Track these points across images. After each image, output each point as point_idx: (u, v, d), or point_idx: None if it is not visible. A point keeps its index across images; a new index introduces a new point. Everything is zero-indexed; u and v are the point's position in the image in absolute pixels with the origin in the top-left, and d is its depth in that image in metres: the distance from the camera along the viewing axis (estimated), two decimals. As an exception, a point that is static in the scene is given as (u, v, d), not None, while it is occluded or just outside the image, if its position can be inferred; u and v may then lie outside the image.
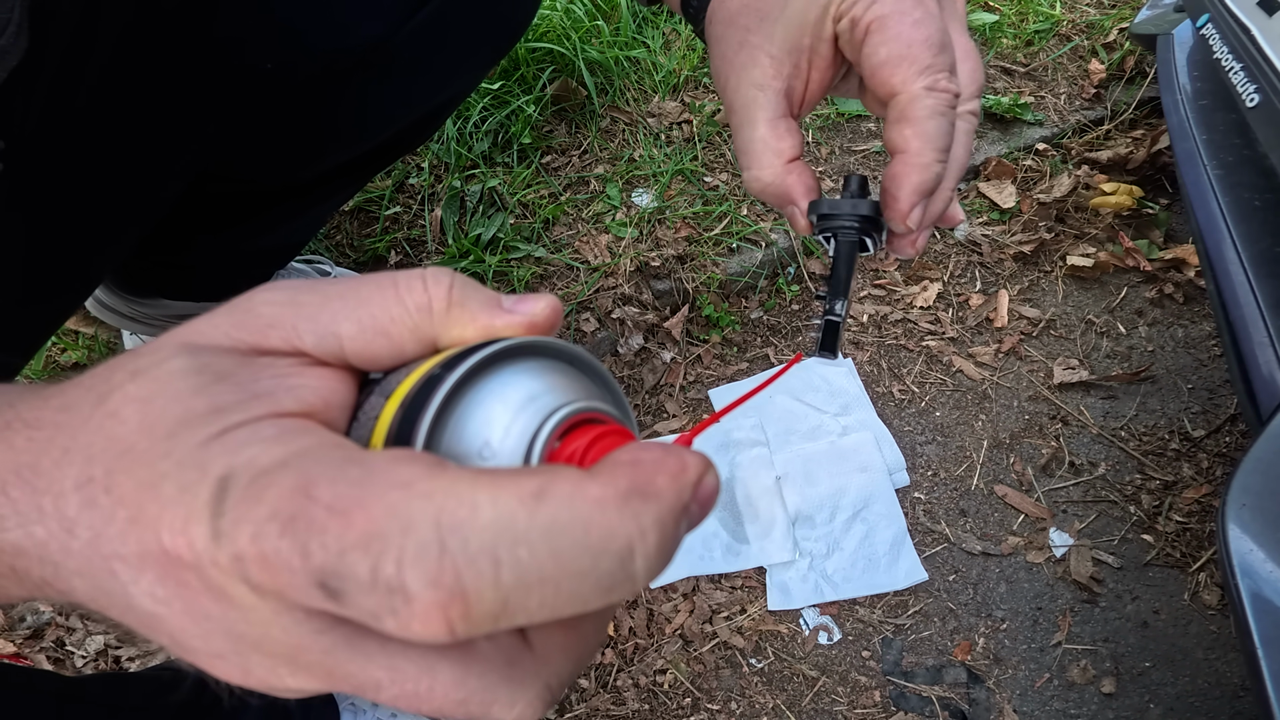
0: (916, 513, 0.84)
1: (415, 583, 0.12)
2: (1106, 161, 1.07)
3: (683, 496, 0.14)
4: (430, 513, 0.13)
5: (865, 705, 0.74)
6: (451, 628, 0.13)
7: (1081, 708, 0.73)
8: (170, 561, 0.14)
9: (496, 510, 0.13)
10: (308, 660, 0.14)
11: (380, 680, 0.14)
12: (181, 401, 0.14)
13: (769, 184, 0.31)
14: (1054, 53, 1.19)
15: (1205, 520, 0.82)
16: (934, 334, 0.96)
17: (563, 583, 0.13)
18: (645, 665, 0.76)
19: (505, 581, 0.13)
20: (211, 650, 0.14)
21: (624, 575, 0.13)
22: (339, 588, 0.13)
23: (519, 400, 0.16)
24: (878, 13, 0.28)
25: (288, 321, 0.16)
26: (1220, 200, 0.68)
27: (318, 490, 0.13)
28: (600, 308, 0.91)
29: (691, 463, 0.14)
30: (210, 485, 0.13)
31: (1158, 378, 0.92)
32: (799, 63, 0.31)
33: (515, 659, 0.15)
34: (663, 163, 1.02)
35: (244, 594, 0.14)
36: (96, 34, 0.36)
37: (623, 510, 0.13)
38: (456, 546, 0.12)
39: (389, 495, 0.13)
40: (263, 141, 0.52)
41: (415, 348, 0.17)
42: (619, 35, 1.09)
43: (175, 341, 0.16)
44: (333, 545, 0.13)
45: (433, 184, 0.99)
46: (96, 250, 0.47)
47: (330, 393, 0.16)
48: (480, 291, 0.17)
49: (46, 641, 0.74)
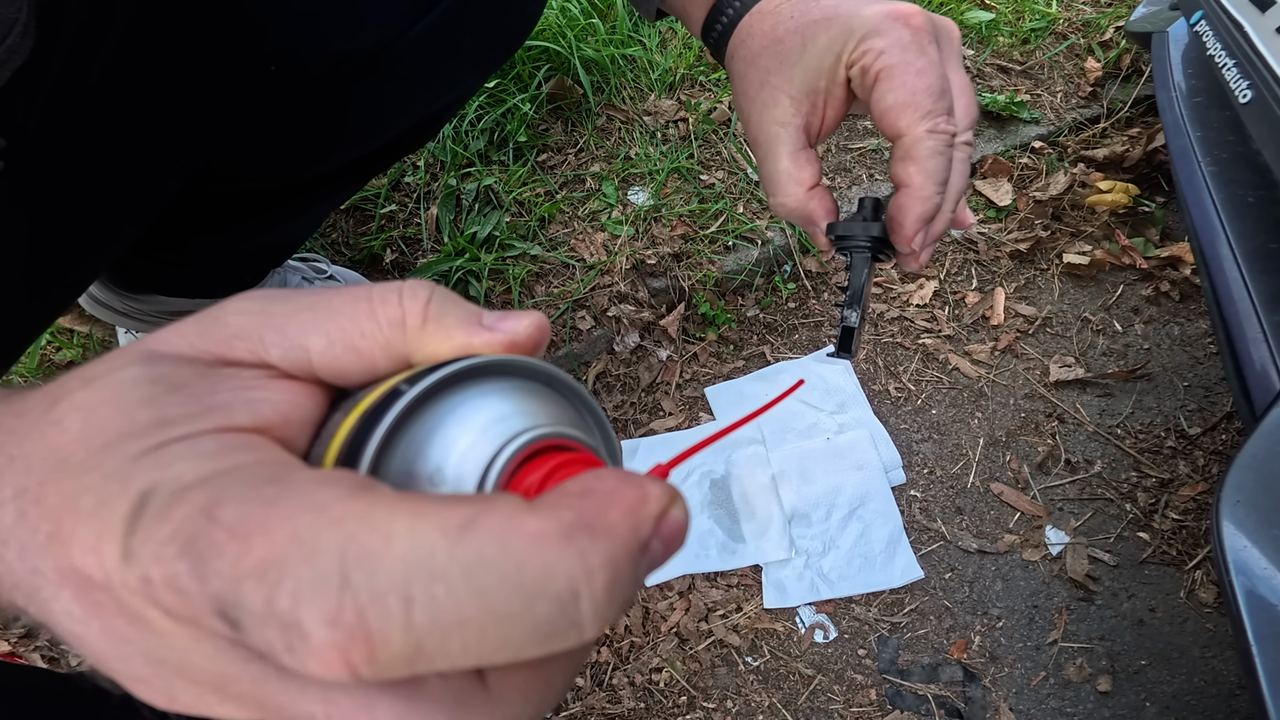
0: (912, 511, 0.84)
1: (310, 620, 0.11)
2: (1103, 159, 1.07)
3: (640, 533, 0.12)
4: (337, 541, 0.12)
5: (861, 703, 0.74)
6: (353, 670, 0.11)
7: (1078, 706, 0.73)
8: (83, 581, 0.13)
9: (414, 541, 0.12)
10: (236, 690, 0.13)
11: (314, 715, 0.13)
12: (126, 412, 0.13)
13: (793, 209, 0.35)
14: (1050, 51, 1.19)
15: (1201, 518, 0.81)
16: (930, 332, 0.96)
17: (489, 627, 0.11)
18: (641, 663, 0.75)
19: (417, 623, 0.11)
20: (133, 674, 0.13)
21: (566, 622, 0.12)
22: (237, 618, 0.12)
23: (481, 423, 0.14)
24: (885, 63, 0.31)
25: (254, 333, 0.15)
26: (1214, 197, 0.68)
27: (222, 510, 0.12)
28: (596, 306, 0.91)
29: (654, 494, 0.13)
30: (129, 501, 0.12)
31: (1154, 375, 0.92)
32: (815, 102, 0.34)
33: (466, 699, 0.13)
34: (659, 161, 1.02)
35: (158, 618, 0.13)
36: (103, 32, 0.36)
37: (565, 548, 0.12)
38: (361, 581, 0.11)
39: (296, 519, 0.12)
40: (266, 141, 0.52)
41: (388, 364, 0.16)
42: (615, 33, 1.09)
43: (136, 350, 0.15)
44: (228, 571, 0.12)
45: (428, 182, 0.99)
46: (94, 247, 0.47)
47: (292, 408, 0.15)
48: (460, 306, 0.16)
49: (41, 640, 0.74)
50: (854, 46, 0.32)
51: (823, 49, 0.33)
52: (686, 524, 0.13)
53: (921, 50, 0.31)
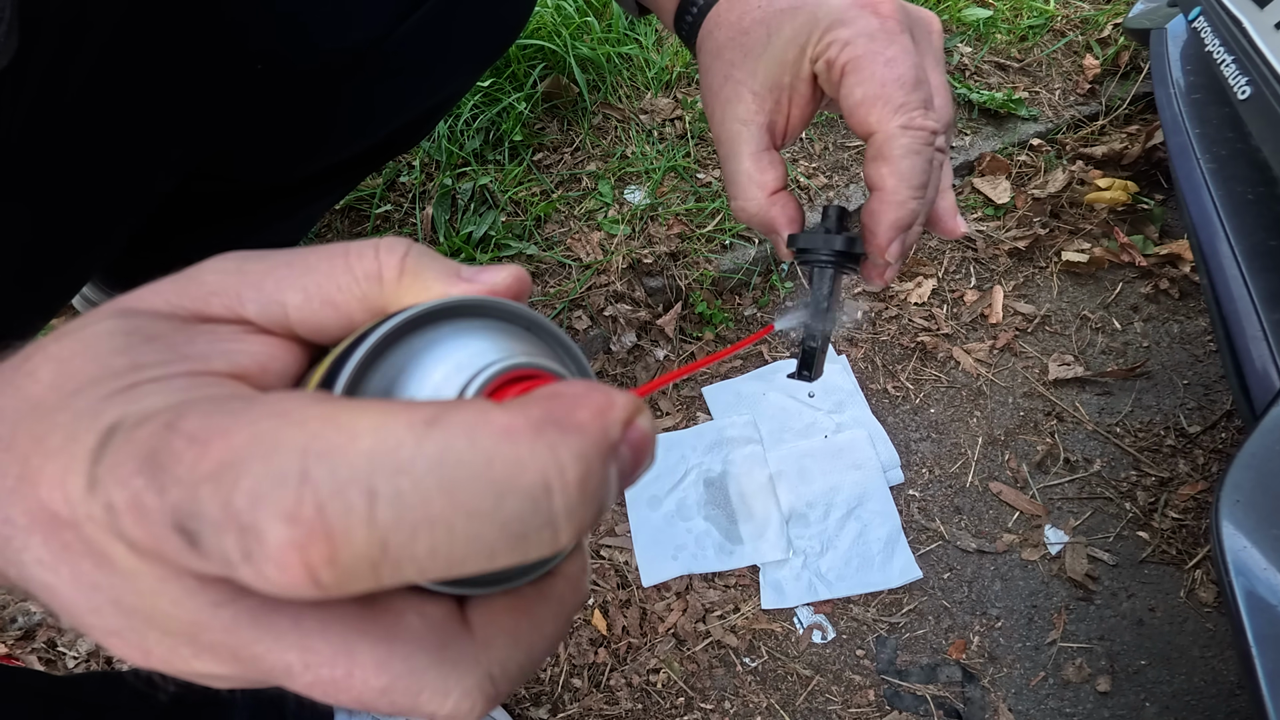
0: (911, 510, 0.84)
1: (267, 517, 0.10)
2: (1101, 157, 1.06)
3: (609, 433, 0.12)
4: (299, 438, 0.11)
5: (860, 704, 0.74)
6: (314, 575, 0.11)
7: (1077, 706, 0.73)
8: (51, 520, 0.12)
9: (379, 436, 0.11)
10: (210, 640, 0.13)
11: (292, 664, 0.12)
12: (100, 359, 0.13)
13: (753, 214, 0.33)
14: (1048, 48, 1.18)
15: (1201, 517, 0.81)
16: (928, 330, 0.96)
17: (458, 524, 0.11)
18: (638, 664, 0.75)
19: (381, 519, 0.11)
20: (105, 626, 0.13)
21: (539, 519, 0.11)
22: (194, 529, 0.11)
23: (458, 358, 0.14)
24: (851, 54, 0.29)
25: (231, 289, 0.15)
26: (1214, 194, 0.67)
27: (184, 421, 0.11)
28: (593, 305, 0.91)
29: (620, 401, 0.12)
30: (97, 433, 0.12)
31: (1153, 374, 0.92)
32: (780, 99, 0.32)
33: (449, 642, 0.13)
34: (655, 160, 1.01)
35: (123, 555, 0.12)
36: (87, 32, 0.36)
37: (535, 441, 0.11)
38: (322, 475, 0.11)
39: (259, 423, 0.11)
40: (257, 141, 0.51)
41: (365, 319, 0.15)
42: (610, 32, 1.08)
43: (111, 306, 0.15)
44: (185, 477, 0.11)
45: (424, 182, 0.98)
46: (84, 248, 0.47)
47: (269, 359, 0.15)
48: (437, 261, 0.16)
49: (38, 642, 0.74)
50: (819, 38, 0.30)
51: (786, 40, 0.30)
52: (653, 438, 0.13)
53: (891, 38, 0.29)
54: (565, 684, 0.74)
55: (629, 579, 0.79)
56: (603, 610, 0.78)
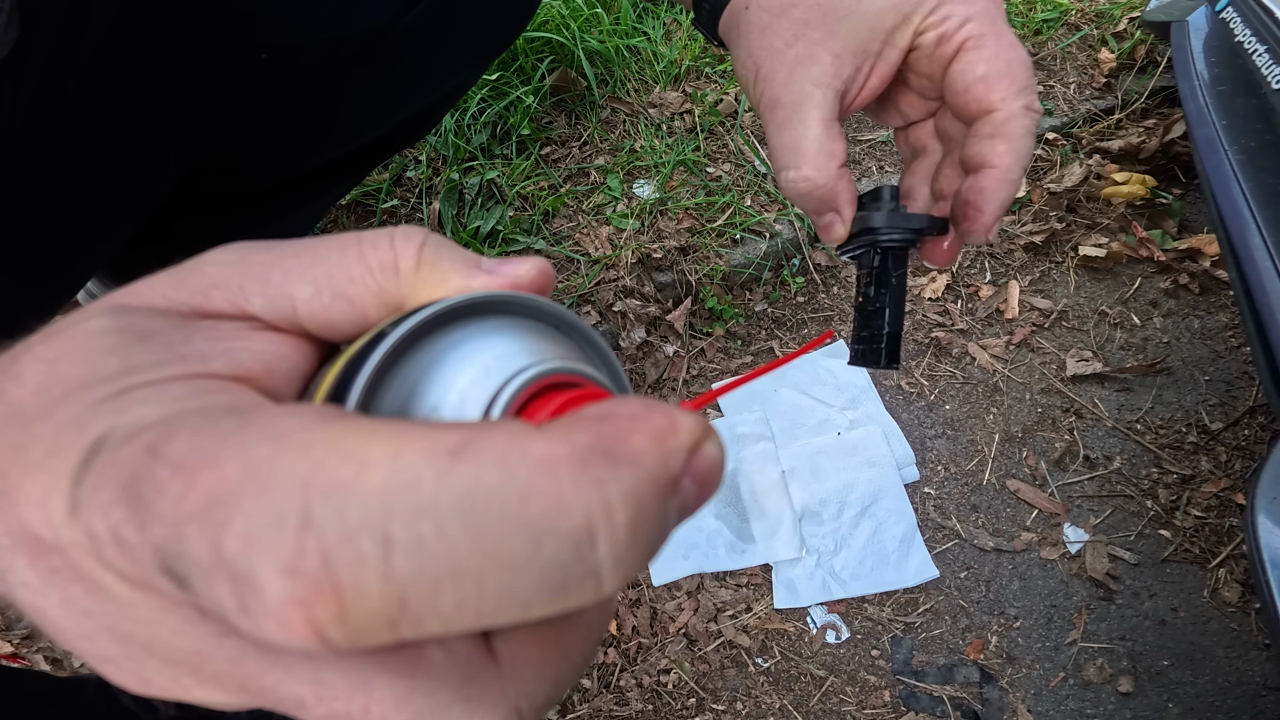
0: (926, 508, 0.82)
1: (264, 568, 0.09)
2: (1118, 151, 1.05)
3: (670, 466, 0.10)
4: (300, 470, 0.09)
5: (874, 705, 0.72)
6: (320, 634, 0.09)
7: (1098, 707, 0.71)
8: (35, 543, 0.11)
9: (394, 470, 0.09)
10: (213, 670, 0.11)
11: (304, 697, 0.11)
12: (90, 361, 0.12)
13: (819, 186, 0.30)
14: (1063, 42, 1.17)
15: (1225, 515, 0.79)
16: (943, 326, 0.94)
17: (489, 575, 0.09)
18: (649, 665, 0.74)
19: (399, 571, 0.09)
20: (100, 654, 0.12)
21: (581, 569, 0.10)
22: (183, 572, 0.10)
23: (484, 360, 0.13)
24: (974, 31, 0.28)
25: (234, 282, 0.14)
26: (1243, 186, 0.66)
27: (170, 445, 0.10)
28: (601, 300, 0.90)
29: (685, 424, 0.11)
30: (81, 449, 0.11)
31: (1174, 369, 0.90)
32: (862, 66, 0.30)
33: (475, 675, 0.12)
34: (664, 153, 1.00)
35: (114, 583, 0.11)
36: (87, 22, 0.35)
37: (580, 476, 0.10)
38: (327, 518, 0.09)
39: (253, 449, 0.10)
40: (261, 134, 0.50)
41: (380, 313, 0.14)
42: (619, 25, 1.07)
43: (104, 303, 0.14)
44: (169, 514, 0.10)
45: (431, 177, 0.97)
46: (89, 243, 0.46)
47: (276, 359, 0.13)
48: (456, 251, 0.15)
49: (44, 641, 0.73)
50: (930, 8, 0.29)
51: (885, 6, 0.29)
52: (723, 464, 0.11)
53: (1005, 23, 0.29)
54: (575, 685, 0.73)
55: (639, 578, 0.78)
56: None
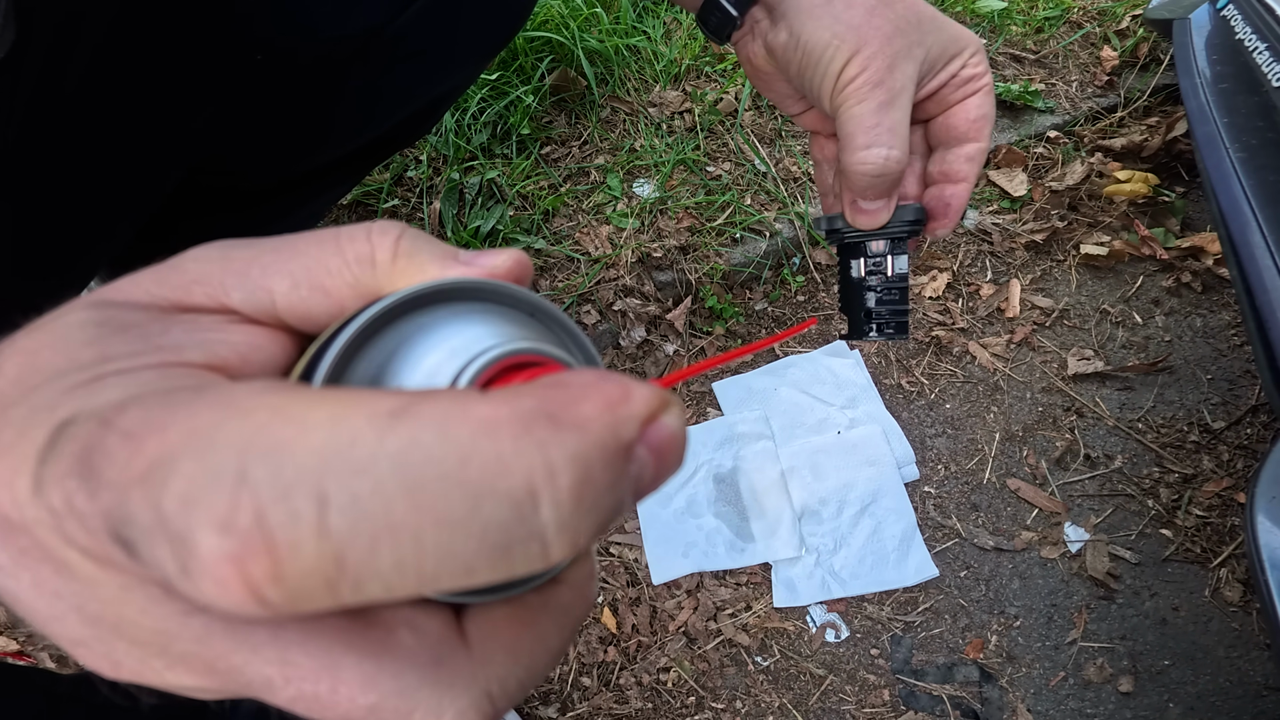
0: (926, 507, 0.82)
1: (199, 524, 0.09)
2: (1120, 149, 1.04)
3: (621, 433, 0.10)
4: (241, 432, 0.10)
5: (874, 704, 0.72)
6: (257, 593, 0.09)
7: (1098, 707, 0.71)
8: (4, 523, 0.11)
9: (334, 431, 0.09)
10: (181, 651, 0.11)
11: (271, 678, 0.11)
12: (68, 352, 0.12)
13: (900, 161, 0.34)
14: (1065, 40, 1.16)
15: (1226, 514, 0.79)
16: (943, 324, 0.94)
17: (426, 534, 0.09)
18: (648, 663, 0.74)
19: (334, 527, 0.09)
20: (70, 636, 0.12)
21: (524, 530, 0.10)
22: (129, 537, 0.10)
23: (451, 343, 0.13)
24: (987, 82, 0.36)
25: (214, 277, 0.14)
26: (1244, 184, 0.65)
27: (123, 417, 0.10)
28: (602, 300, 0.90)
29: (639, 394, 0.11)
30: (48, 430, 0.11)
31: (1176, 368, 0.90)
32: (926, 76, 0.34)
33: (444, 657, 0.12)
34: (664, 152, 1.00)
35: (78, 561, 0.11)
36: (84, 22, 0.35)
37: (521, 437, 0.10)
38: (262, 475, 0.09)
39: (201, 415, 0.10)
40: (260, 133, 0.51)
41: (357, 304, 0.14)
42: (619, 24, 1.07)
43: (87, 299, 0.14)
44: (117, 479, 0.10)
45: (431, 176, 0.98)
46: (89, 244, 0.46)
47: (252, 349, 0.14)
48: (433, 244, 0.15)
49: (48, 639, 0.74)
50: (970, 55, 0.35)
51: (952, 36, 0.34)
52: (683, 437, 0.11)
53: None
54: (574, 682, 0.73)
55: (639, 577, 0.78)
56: (612, 608, 0.77)
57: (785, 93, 0.39)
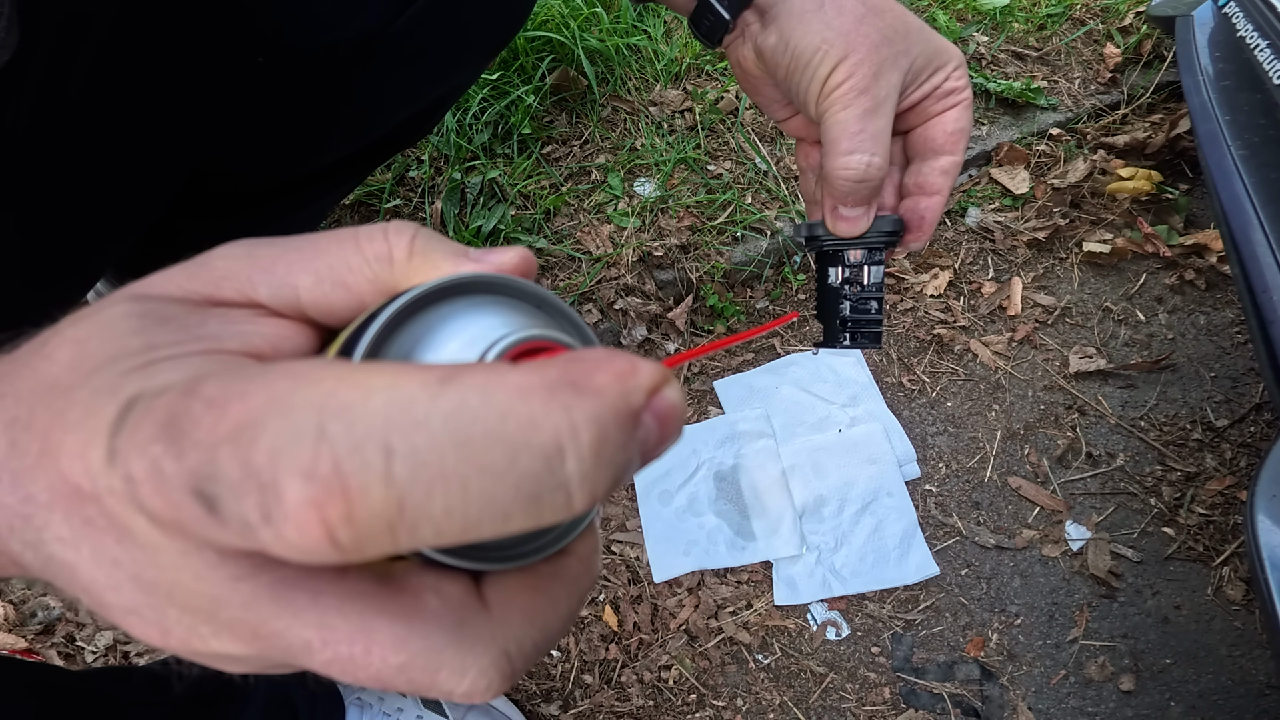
0: (927, 505, 0.82)
1: (286, 473, 0.11)
2: (1123, 146, 1.04)
3: (631, 399, 0.12)
4: (315, 397, 0.11)
5: (874, 702, 0.73)
6: (331, 533, 0.11)
7: (1099, 706, 0.71)
8: (72, 494, 0.13)
9: (393, 394, 0.11)
10: (228, 616, 0.13)
11: (310, 641, 0.13)
12: (117, 340, 0.14)
13: (881, 168, 0.34)
14: (1067, 37, 1.16)
15: (1229, 513, 0.79)
16: (945, 322, 0.94)
17: (472, 481, 0.11)
18: (650, 661, 0.74)
19: (398, 475, 0.11)
20: (124, 604, 0.13)
21: (552, 480, 0.11)
22: (213, 493, 0.11)
23: (470, 331, 0.14)
24: (967, 95, 0.35)
25: (242, 274, 0.15)
26: (1246, 181, 0.65)
27: (203, 387, 0.12)
28: (603, 299, 0.90)
29: (645, 368, 0.12)
30: (116, 407, 0.12)
31: (1179, 366, 0.89)
32: (909, 86, 0.35)
33: (466, 619, 0.13)
34: (665, 151, 1.00)
35: (144, 529, 0.12)
36: (87, 27, 0.36)
37: (550, 401, 0.11)
38: (339, 431, 0.11)
39: (276, 384, 0.11)
40: (262, 135, 0.51)
41: (376, 299, 0.16)
42: (619, 23, 1.07)
43: (125, 291, 0.15)
44: (205, 439, 0.11)
45: (433, 176, 0.98)
46: (94, 247, 0.46)
47: (282, 340, 0.15)
48: (445, 242, 0.16)
49: (57, 637, 0.74)
50: (953, 69, 0.35)
51: (935, 49, 0.34)
52: (682, 408, 0.13)
53: None
54: (576, 680, 0.74)
55: (640, 575, 0.78)
56: (614, 606, 0.77)
57: (772, 97, 0.39)
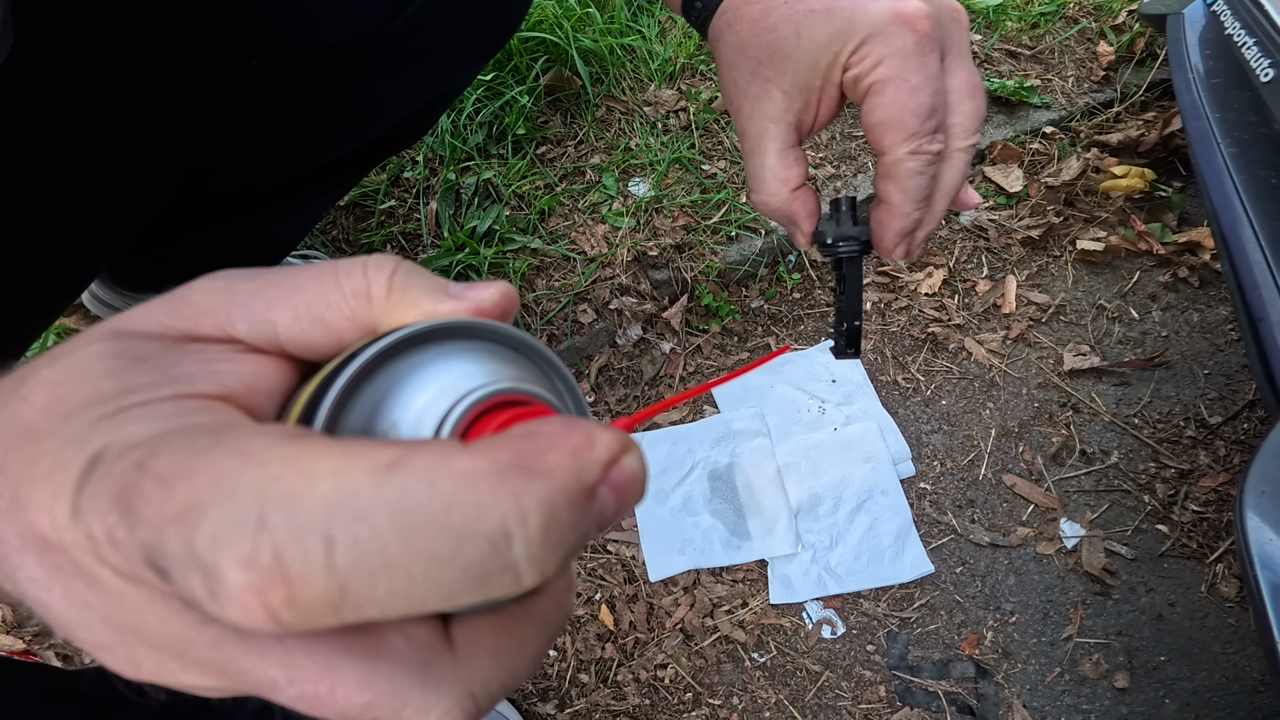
0: (922, 503, 0.82)
1: (227, 562, 0.11)
2: (1117, 144, 1.04)
3: (584, 477, 0.12)
4: (259, 482, 0.11)
5: (870, 700, 0.73)
6: (274, 615, 0.11)
7: (1094, 703, 0.71)
8: (41, 543, 0.13)
9: (337, 482, 0.11)
10: (196, 655, 0.13)
11: (276, 679, 0.13)
12: (91, 383, 0.14)
13: (776, 209, 0.35)
14: (1060, 35, 1.16)
15: (1223, 510, 0.79)
16: (939, 321, 0.94)
17: (416, 568, 0.11)
18: (646, 660, 0.75)
19: (340, 564, 0.11)
20: (96, 641, 0.13)
21: (499, 564, 0.12)
22: (164, 567, 0.12)
23: (442, 381, 0.14)
24: (879, 76, 0.30)
25: (221, 309, 0.15)
26: (1235, 179, 0.65)
27: (155, 460, 0.12)
28: (598, 299, 0.90)
29: (602, 440, 0.12)
30: (82, 462, 0.13)
31: (1172, 363, 0.90)
32: (809, 100, 0.33)
33: (432, 662, 0.14)
34: (659, 151, 1.00)
35: (109, 577, 0.13)
36: (83, 28, 0.36)
37: (497, 487, 0.12)
38: (279, 521, 0.11)
39: (222, 464, 0.12)
40: (259, 136, 0.51)
41: (354, 336, 0.16)
42: (613, 23, 1.07)
43: (102, 328, 0.15)
44: (153, 518, 0.12)
45: (428, 177, 0.98)
46: (88, 247, 0.46)
47: (257, 378, 0.15)
48: (425, 277, 0.16)
49: (56, 638, 0.74)
50: (854, 48, 0.30)
51: (820, 45, 0.31)
52: (643, 475, 0.13)
53: (921, 62, 0.29)
54: (572, 679, 0.74)
55: (636, 574, 0.78)
56: (610, 605, 0.77)
57: None
